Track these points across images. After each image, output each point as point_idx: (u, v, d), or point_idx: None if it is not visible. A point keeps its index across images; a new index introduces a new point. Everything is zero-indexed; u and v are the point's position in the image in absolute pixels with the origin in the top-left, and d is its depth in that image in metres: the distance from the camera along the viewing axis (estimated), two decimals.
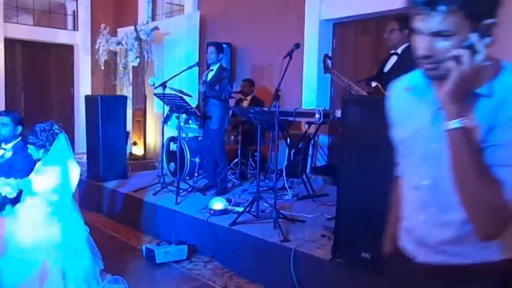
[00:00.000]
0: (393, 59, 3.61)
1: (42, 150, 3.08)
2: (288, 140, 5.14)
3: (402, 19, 3.62)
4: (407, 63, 3.44)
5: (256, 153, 5.11)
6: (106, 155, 5.87)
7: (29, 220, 2.98)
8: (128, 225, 5.14)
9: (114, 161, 5.98)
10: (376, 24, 5.68)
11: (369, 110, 2.91)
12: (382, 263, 2.77)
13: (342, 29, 6.16)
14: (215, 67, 5.14)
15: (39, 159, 3.22)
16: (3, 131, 3.55)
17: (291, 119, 4.83)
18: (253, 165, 6.08)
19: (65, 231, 3.02)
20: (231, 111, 5.49)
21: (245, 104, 6.33)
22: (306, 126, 5.19)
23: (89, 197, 5.81)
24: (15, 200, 3.08)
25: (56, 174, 3.03)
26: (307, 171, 5.39)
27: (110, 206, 5.60)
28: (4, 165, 3.48)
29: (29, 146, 3.11)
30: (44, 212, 3.00)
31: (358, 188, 2.93)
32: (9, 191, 3.00)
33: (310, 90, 6.12)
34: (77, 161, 3.27)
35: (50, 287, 2.90)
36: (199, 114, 4.99)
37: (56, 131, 3.11)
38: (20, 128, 3.63)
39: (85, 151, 6.23)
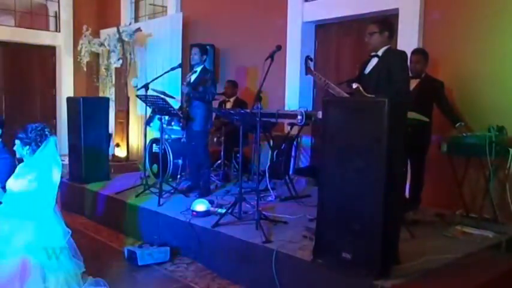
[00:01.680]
0: (374, 61, 3.64)
1: (27, 147, 3.04)
2: (271, 141, 5.14)
3: (382, 22, 3.66)
4: (386, 65, 3.49)
5: (239, 155, 5.11)
6: (88, 156, 5.82)
7: (9, 224, 2.93)
8: (110, 227, 5.10)
9: (97, 163, 5.93)
10: (358, 26, 5.71)
11: (350, 111, 2.93)
12: (363, 263, 2.80)
13: (324, 31, 6.20)
14: (199, 68, 5.12)
15: (20, 160, 3.18)
16: None
17: (273, 120, 4.84)
18: (237, 166, 6.07)
19: (45, 233, 2.98)
20: (214, 113, 5.48)
21: (228, 105, 6.33)
22: (289, 127, 5.20)
23: (70, 199, 5.74)
24: None
25: (37, 177, 2.98)
26: (290, 172, 5.40)
27: (92, 208, 5.54)
28: None
29: (16, 141, 3.05)
30: (25, 212, 2.95)
31: (338, 188, 2.94)
32: None
33: (293, 91, 6.13)
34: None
35: None
36: (181, 116, 4.96)
37: (47, 133, 3.09)
38: (0, 131, 3.59)
39: (67, 152, 6.15)
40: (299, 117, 4.56)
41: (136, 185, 5.38)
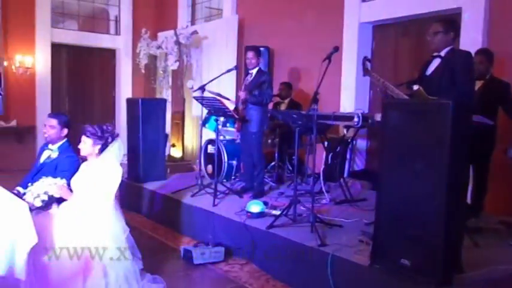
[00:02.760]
0: (436, 62, 3.52)
1: (98, 147, 3.20)
2: (326, 143, 5.09)
3: (447, 21, 3.53)
4: (450, 66, 3.37)
5: (293, 157, 5.10)
6: (146, 156, 6.01)
7: (74, 219, 3.07)
8: (166, 225, 5.22)
9: (154, 163, 6.09)
10: (417, 26, 5.57)
11: (411, 114, 2.86)
12: (423, 270, 2.72)
13: (382, 32, 6.08)
14: (254, 71, 5.16)
15: (84, 160, 3.33)
16: (50, 132, 3.68)
17: (329, 122, 4.79)
18: (290, 168, 6.07)
19: (107, 230, 3.10)
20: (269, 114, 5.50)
21: (283, 107, 6.34)
22: (345, 130, 5.14)
23: (129, 198, 5.93)
24: (61, 199, 3.19)
25: (101, 176, 3.12)
26: (345, 175, 5.33)
27: (149, 207, 5.71)
28: (50, 165, 3.62)
29: (86, 139, 3.20)
30: (88, 211, 3.08)
31: (398, 193, 2.87)
32: (55, 191, 3.11)
33: (349, 93, 6.06)
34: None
35: (92, 284, 2.98)
36: (237, 117, 5.01)
37: (115, 136, 3.25)
38: (66, 130, 3.75)
39: (125, 152, 6.36)
40: (355, 119, 4.50)
41: (192, 185, 5.48)
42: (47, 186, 3.11)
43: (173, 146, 8.53)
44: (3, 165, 7.60)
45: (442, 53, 3.48)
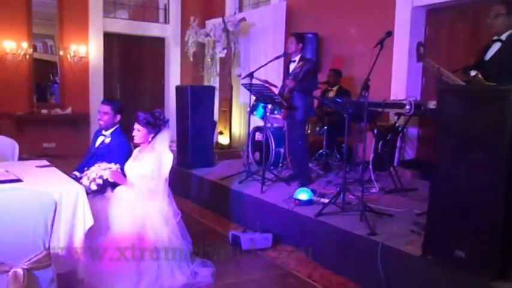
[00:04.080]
0: (496, 46, 3.36)
1: (152, 134, 3.28)
2: (376, 131, 4.99)
3: (510, 3, 3.35)
4: (511, 51, 3.20)
5: (342, 145, 5.04)
6: (194, 143, 6.11)
7: (127, 203, 3.17)
8: (215, 211, 5.31)
9: (202, 150, 6.19)
10: (474, 10, 5.33)
11: (469, 101, 2.75)
12: (479, 262, 2.63)
13: (436, 16, 5.85)
14: (297, 58, 5.11)
15: (136, 146, 3.43)
16: (104, 118, 3.80)
17: (379, 110, 4.69)
18: (338, 156, 6.02)
19: (159, 214, 3.18)
20: (316, 102, 5.45)
21: (331, 94, 6.27)
22: (395, 117, 5.02)
23: (178, 183, 5.98)
24: (115, 184, 3.30)
25: (154, 161, 3.20)
26: (395, 164, 5.22)
27: (197, 193, 5.81)
28: (104, 150, 3.73)
29: (140, 126, 3.30)
30: (141, 195, 3.17)
31: (453, 182, 2.78)
32: (110, 175, 3.22)
33: (400, 80, 5.89)
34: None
35: (145, 266, 3.08)
36: (285, 104, 4.99)
37: (166, 124, 3.35)
38: (119, 117, 3.86)
39: (175, 139, 6.48)
40: (407, 106, 4.37)
41: (240, 172, 5.52)
42: (102, 170, 3.24)
43: (221, 133, 8.59)
44: (61, 151, 7.97)
45: (503, 37, 3.31)
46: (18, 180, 2.90)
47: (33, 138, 8.14)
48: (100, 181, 3.23)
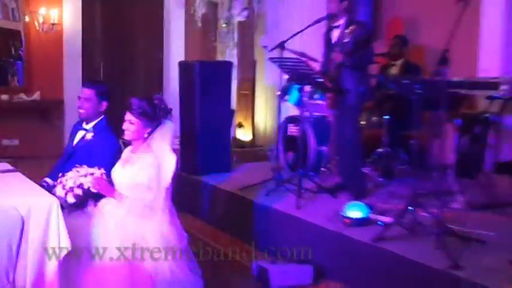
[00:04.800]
0: None
1: (149, 129, 3.28)
2: (458, 122, 4.91)
3: None
4: None
5: (410, 142, 4.97)
6: (205, 140, 6.11)
7: (115, 221, 3.17)
8: (233, 233, 5.30)
9: (216, 149, 6.19)
10: None
11: None
12: None
13: None
14: (340, 22, 5.05)
15: (126, 144, 3.43)
16: (86, 106, 3.81)
17: (463, 92, 4.61)
18: (404, 157, 5.95)
19: (157, 237, 3.18)
20: (373, 81, 5.40)
21: (394, 71, 6.23)
22: (486, 102, 4.93)
23: (182, 195, 6.01)
24: (99, 195, 3.31)
25: (151, 166, 3.19)
26: (487, 168, 5.12)
27: (209, 208, 5.81)
28: (84, 149, 3.77)
29: (133, 118, 3.28)
30: (133, 211, 3.17)
31: None
32: (92, 184, 3.23)
33: (492, 50, 5.81)
34: None
35: None
36: (330, 85, 4.93)
37: (168, 114, 3.35)
38: (105, 104, 3.87)
39: (178, 135, 6.48)
40: (503, 87, 4.29)
41: (266, 180, 5.49)
42: (82, 177, 3.25)
43: (240, 125, 8.61)
44: (27, 150, 8.10)
45: None
46: None
47: None
48: (79, 191, 3.25)
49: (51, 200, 2.90)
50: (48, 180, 3.77)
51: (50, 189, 3.38)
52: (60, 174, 3.41)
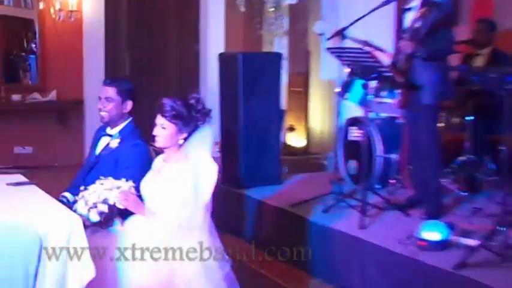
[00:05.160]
0: None
1: (185, 133, 3.29)
2: None
3: None
4: None
5: (500, 148, 4.88)
6: (250, 147, 6.15)
7: (145, 242, 3.19)
8: (285, 258, 5.29)
9: (262, 157, 6.22)
10: None
11: None
12: None
13: None
14: (415, 3, 5.00)
15: (158, 152, 3.45)
16: (108, 108, 3.84)
17: None
18: (492, 167, 5.89)
19: (196, 263, 3.19)
20: (453, 75, 5.33)
21: (479, 61, 6.19)
22: None
23: (223, 212, 6.02)
24: (127, 212, 3.34)
25: (187, 177, 3.20)
26: None
27: (255, 227, 5.82)
28: (109, 158, 3.79)
29: (166, 121, 3.28)
30: (167, 230, 3.19)
31: None
32: (119, 199, 3.25)
33: None
34: None
35: None
36: (401, 80, 4.89)
37: (207, 117, 3.35)
38: (129, 104, 3.89)
39: (218, 140, 6.50)
40: None
41: (324, 194, 5.48)
42: (107, 191, 3.25)
43: (291, 129, 8.61)
44: (42, 159, 8.25)
45: None
46: None
47: None
48: (104, 208, 3.24)
49: (73, 218, 2.92)
50: (67, 195, 3.81)
51: (70, 205, 3.40)
52: (82, 188, 3.40)
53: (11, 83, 8.81)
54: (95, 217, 3.23)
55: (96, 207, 3.23)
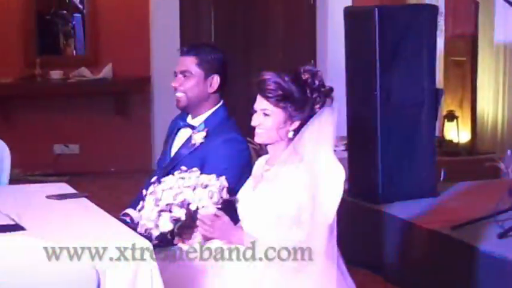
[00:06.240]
0: None
1: (297, 121, 3.32)
2: None
3: None
4: None
5: None
6: (390, 143, 6.15)
7: (242, 278, 3.28)
8: None
9: (409, 158, 6.24)
10: None
11: None
12: None
13: None
14: None
15: (261, 152, 3.52)
16: (186, 86, 3.89)
17: None
18: None
19: None
20: None
21: None
22: None
23: (352, 235, 6.06)
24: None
25: (301, 185, 3.23)
26: None
27: (399, 258, 5.82)
28: (191, 159, 3.81)
29: (271, 106, 3.30)
30: (276, 264, 3.25)
31: None
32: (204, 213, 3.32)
33: None
34: None
35: None
36: None
37: (327, 99, 3.33)
38: (217, 79, 3.92)
39: (344, 134, 6.54)
40: None
41: (499, 211, 5.43)
42: (188, 190, 3.18)
43: (452, 117, 8.54)
44: (93, 162, 8.37)
45: None
46: (18, 228, 3.10)
47: (32, 135, 8.71)
48: (181, 213, 3.25)
49: (142, 246, 2.81)
50: (131, 212, 3.77)
51: (135, 225, 3.37)
52: (153, 180, 3.40)
53: (48, 55, 8.93)
54: (166, 225, 3.22)
55: (170, 211, 3.23)
